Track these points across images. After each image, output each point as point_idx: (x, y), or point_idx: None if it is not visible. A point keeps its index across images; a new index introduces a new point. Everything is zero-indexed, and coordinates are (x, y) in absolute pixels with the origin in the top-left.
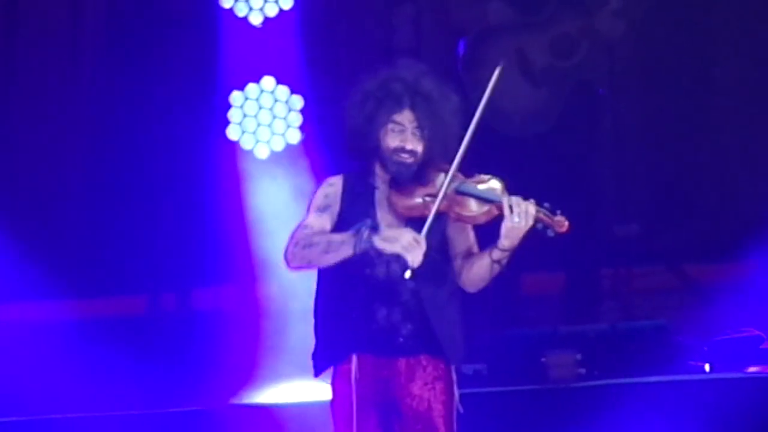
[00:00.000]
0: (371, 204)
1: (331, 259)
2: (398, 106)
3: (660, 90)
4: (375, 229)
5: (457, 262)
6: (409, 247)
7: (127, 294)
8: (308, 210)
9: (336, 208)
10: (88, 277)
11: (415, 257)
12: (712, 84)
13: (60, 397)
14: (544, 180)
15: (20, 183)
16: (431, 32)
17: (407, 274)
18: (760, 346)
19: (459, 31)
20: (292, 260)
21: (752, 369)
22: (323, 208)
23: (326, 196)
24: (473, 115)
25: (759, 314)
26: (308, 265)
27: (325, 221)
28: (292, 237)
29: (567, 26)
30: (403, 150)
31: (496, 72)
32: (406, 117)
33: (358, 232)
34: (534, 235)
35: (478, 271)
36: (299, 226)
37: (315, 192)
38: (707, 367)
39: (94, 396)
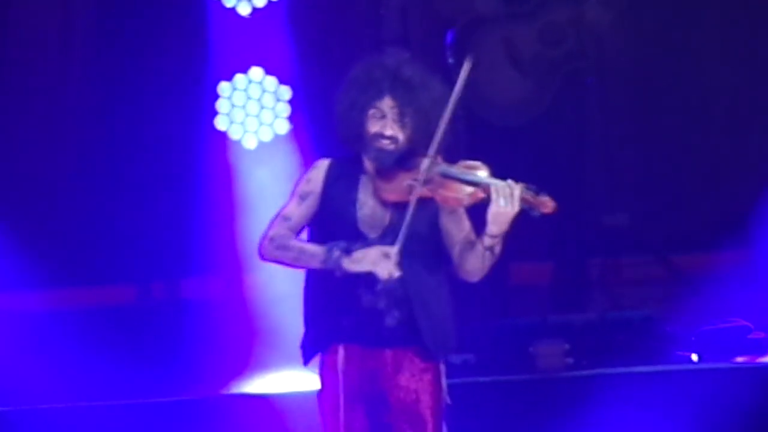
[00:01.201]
0: (354, 187)
1: (300, 267)
2: (379, 93)
3: (649, 80)
4: (348, 251)
5: (455, 252)
6: (377, 261)
7: (116, 283)
8: (291, 194)
9: (317, 192)
10: (77, 266)
11: (384, 271)
12: (702, 74)
13: (49, 387)
14: (533, 169)
15: (9, 173)
16: (419, 23)
17: (378, 286)
18: (748, 336)
19: (447, 22)
20: (264, 254)
21: (740, 359)
22: (304, 195)
23: (308, 181)
24: (455, 104)
25: (746, 304)
26: (278, 264)
27: (304, 210)
28: (270, 226)
29: (555, 15)
30: (382, 136)
31: (466, 65)
32: (386, 103)
33: (330, 251)
34: (521, 224)
35: (473, 261)
36: (278, 215)
37: (302, 174)
38: (695, 357)
39: (84, 386)
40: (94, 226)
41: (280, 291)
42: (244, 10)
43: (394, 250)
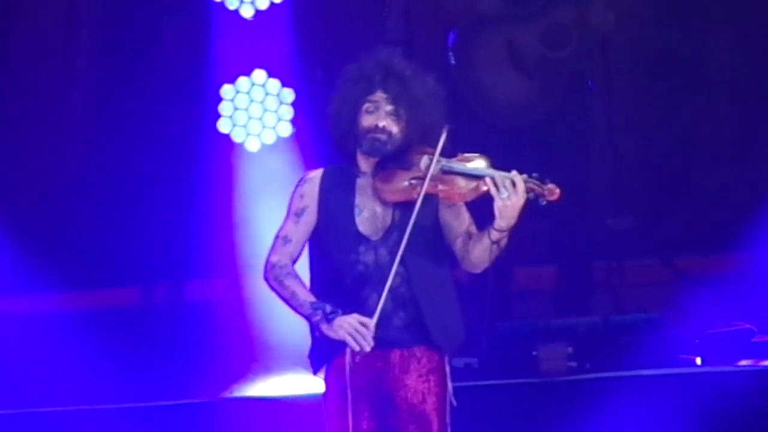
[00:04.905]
0: (351, 191)
1: (291, 308)
2: (371, 87)
3: (654, 82)
4: (329, 318)
5: (458, 245)
6: (352, 332)
7: (119, 286)
8: (287, 212)
9: (314, 205)
10: (81, 269)
11: (356, 344)
12: (706, 76)
13: (52, 390)
14: (537, 172)
15: (13, 176)
16: (422, 24)
17: (356, 358)
18: (752, 340)
19: (450, 23)
20: (265, 279)
21: (744, 362)
22: (300, 212)
23: (302, 196)
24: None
25: (750, 308)
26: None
27: (302, 228)
28: (271, 249)
29: (558, 17)
30: (375, 128)
31: (443, 135)
32: (379, 96)
33: (314, 311)
34: (525, 228)
35: (479, 254)
36: (277, 236)
37: (294, 190)
38: (699, 360)
39: (87, 388)
40: (97, 228)
41: None
42: (247, 13)
43: (372, 322)
